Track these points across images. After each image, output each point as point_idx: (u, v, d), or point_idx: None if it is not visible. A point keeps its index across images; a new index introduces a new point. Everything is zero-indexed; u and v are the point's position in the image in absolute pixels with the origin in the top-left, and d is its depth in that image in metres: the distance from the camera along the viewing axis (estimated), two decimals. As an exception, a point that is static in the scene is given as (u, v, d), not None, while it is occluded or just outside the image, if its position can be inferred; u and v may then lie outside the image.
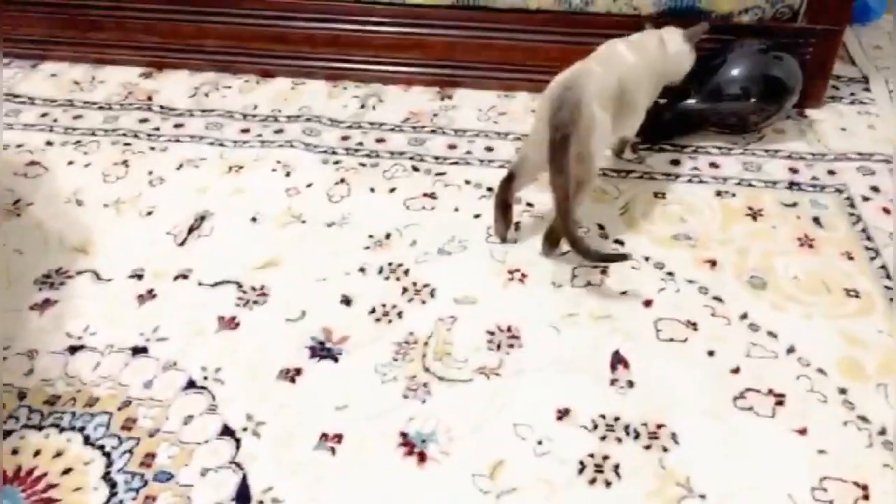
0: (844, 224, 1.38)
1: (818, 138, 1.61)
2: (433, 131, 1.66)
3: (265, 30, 1.81)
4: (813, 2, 1.59)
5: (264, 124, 1.67)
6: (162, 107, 1.74)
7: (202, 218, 1.40)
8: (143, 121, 1.69)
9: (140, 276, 1.28)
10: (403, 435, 1.03)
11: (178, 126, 1.67)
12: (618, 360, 1.13)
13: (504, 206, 1.34)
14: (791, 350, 1.13)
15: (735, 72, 1.50)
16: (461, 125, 1.68)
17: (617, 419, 1.05)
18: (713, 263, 1.29)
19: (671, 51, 1.39)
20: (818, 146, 1.59)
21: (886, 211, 1.40)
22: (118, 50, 1.89)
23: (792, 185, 1.48)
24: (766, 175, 1.50)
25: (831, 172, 1.51)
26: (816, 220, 1.39)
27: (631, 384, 1.09)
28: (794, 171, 1.52)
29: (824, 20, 1.59)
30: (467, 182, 1.50)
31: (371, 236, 1.37)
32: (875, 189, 1.46)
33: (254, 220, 1.40)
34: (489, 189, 1.48)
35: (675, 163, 1.53)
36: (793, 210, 1.41)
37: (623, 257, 1.28)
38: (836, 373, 1.10)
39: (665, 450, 1.00)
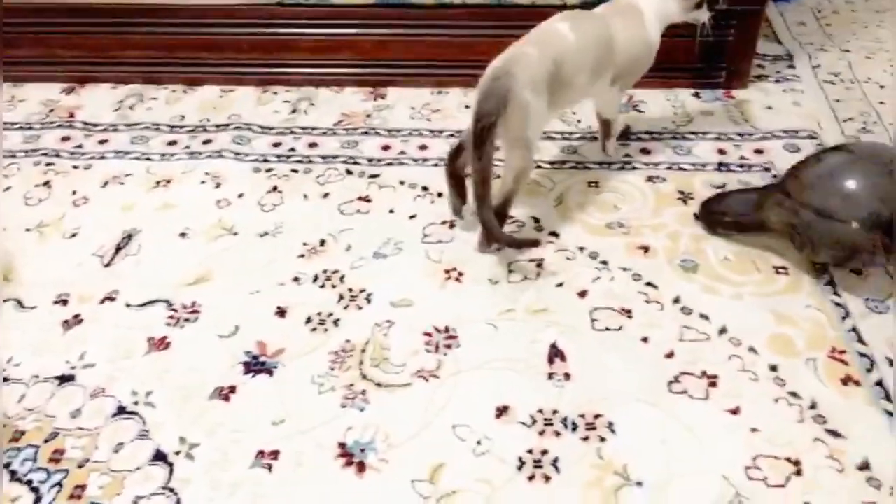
0: (772, 202, 1.40)
1: (745, 118, 1.63)
2: (366, 132, 1.64)
3: (191, 38, 1.77)
4: (732, -17, 1.61)
5: (192, 135, 1.64)
6: (85, 123, 1.69)
7: (129, 236, 1.37)
8: (66, 139, 1.64)
9: (65, 302, 1.24)
10: (342, 446, 1.02)
11: (102, 142, 1.63)
12: (555, 354, 1.13)
13: (455, 179, 1.34)
14: (723, 331, 1.15)
15: (858, 187, 1.10)
16: (395, 125, 1.67)
17: (555, 413, 1.05)
18: (646, 249, 1.30)
19: (634, 26, 1.32)
20: (745, 126, 1.61)
21: (812, 186, 1.43)
22: (38, 67, 1.83)
23: (721, 166, 1.50)
24: (696, 158, 1.52)
25: (758, 151, 1.53)
26: (745, 199, 1.40)
27: (568, 377, 1.10)
28: (722, 151, 1.54)
29: (746, 0, 1.61)
30: (402, 182, 1.49)
31: (305, 244, 1.35)
32: (801, 165, 1.48)
33: (183, 235, 1.37)
34: (424, 188, 1.47)
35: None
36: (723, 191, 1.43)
37: (535, 242, 1.28)
38: (767, 351, 1.11)
39: (602, 440, 1.01)
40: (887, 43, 1.92)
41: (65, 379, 1.11)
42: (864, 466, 0.96)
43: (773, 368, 1.09)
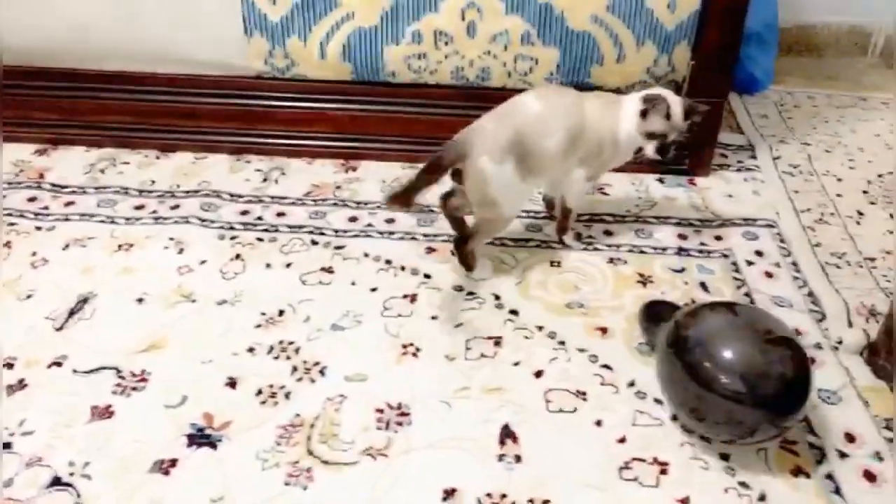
0: (730, 288, 1.42)
1: (706, 205, 1.67)
2: (335, 204, 1.66)
3: (168, 105, 1.80)
4: (695, 77, 1.68)
5: (160, 200, 1.65)
6: (53, 185, 1.69)
7: (84, 300, 1.35)
8: (32, 199, 1.64)
9: (11, 366, 1.21)
10: (281, 526, 0.98)
11: (68, 204, 1.63)
12: (507, 435, 1.12)
13: (453, 220, 1.44)
14: (675, 417, 1.14)
15: (731, 356, 1.02)
16: (363, 197, 1.69)
17: (503, 497, 1.03)
18: (604, 331, 1.31)
19: (608, 113, 1.38)
20: (706, 212, 1.65)
21: (769, 275, 1.46)
22: (13, 128, 1.84)
23: (681, 251, 1.53)
24: (657, 242, 1.55)
25: (718, 238, 1.57)
26: (703, 284, 1.43)
27: (518, 458, 1.08)
28: (682, 237, 1.57)
29: (707, 92, 1.67)
30: (366, 255, 1.50)
31: (263, 314, 1.34)
32: (759, 253, 1.52)
33: (140, 300, 1.36)
34: (388, 261, 1.48)
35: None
36: (681, 275, 1.45)
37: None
38: (719, 439, 1.10)
39: (550, 527, 0.99)
40: (846, 137, 1.99)
41: (2, 446, 1.08)
42: (811, 562, 0.95)
43: (724, 457, 1.08)
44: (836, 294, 1.39)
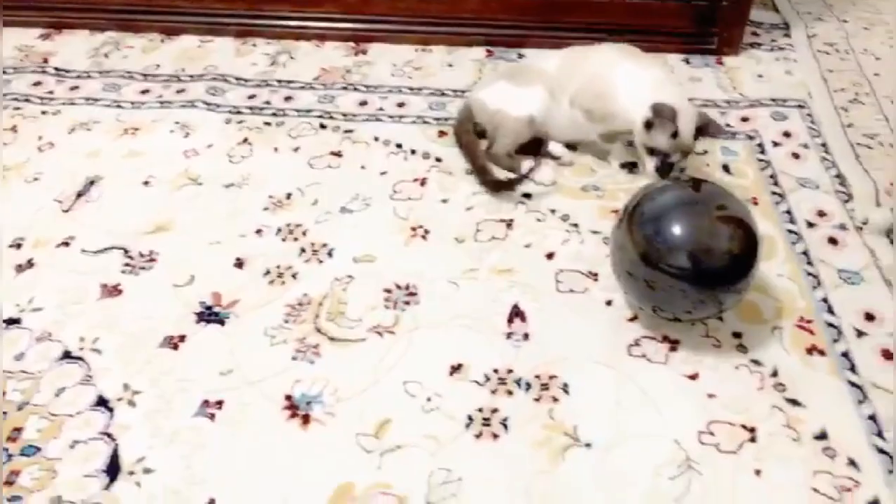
0: (753, 170, 1.36)
1: (734, 85, 1.59)
2: (344, 88, 1.60)
3: (171, -15, 1.73)
4: (727, -53, 1.55)
5: (165, 84, 1.60)
6: (57, 69, 1.65)
7: (91, 183, 1.34)
8: (37, 84, 1.61)
9: (19, 245, 1.21)
10: (288, 398, 0.99)
11: (73, 89, 1.59)
12: (515, 314, 1.10)
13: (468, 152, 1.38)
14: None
15: (680, 231, 0.98)
16: (374, 81, 1.62)
17: (510, 372, 1.02)
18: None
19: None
20: (733, 93, 1.56)
21: (796, 156, 1.39)
22: (16, 12, 1.79)
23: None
24: (679, 123, 1.47)
25: (744, 119, 1.49)
26: (726, 167, 1.37)
27: (526, 337, 1.07)
28: (707, 118, 1.49)
29: (740, -34, 1.56)
30: (376, 139, 1.45)
31: (271, 197, 1.32)
32: (786, 134, 1.44)
33: (146, 183, 1.34)
34: (398, 146, 1.43)
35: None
36: (703, 158, 1.39)
37: (515, 182, 1.29)
38: (734, 317, 1.08)
39: (555, 400, 0.98)
40: (886, 15, 1.85)
41: (11, 322, 1.09)
42: (821, 436, 0.94)
43: (737, 335, 1.06)
44: (865, 175, 1.32)
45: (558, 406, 0.98)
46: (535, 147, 1.37)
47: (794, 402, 0.97)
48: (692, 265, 0.96)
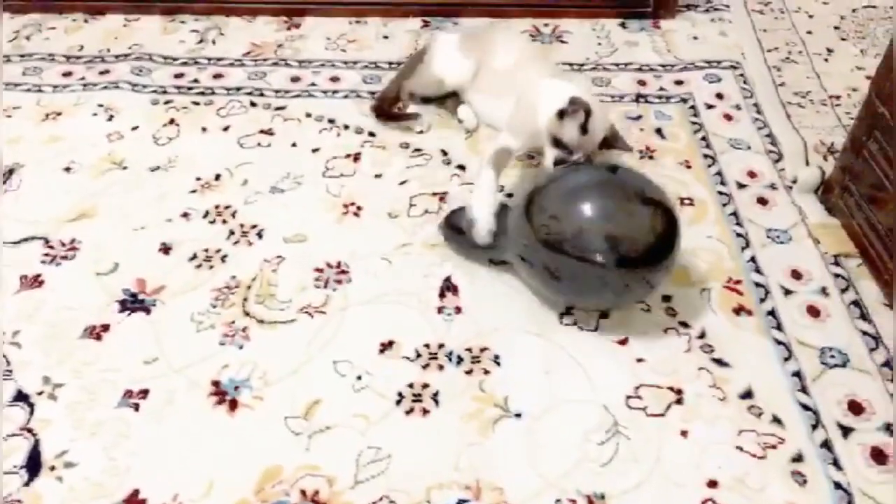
0: (686, 133, 1.36)
1: (669, 48, 1.58)
2: (276, 63, 1.56)
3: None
4: None
5: (89, 66, 1.55)
6: (-26, 54, 1.58)
7: (10, 171, 1.29)
8: (-49, 70, 1.54)
9: (-67, 239, 1.17)
10: (216, 384, 0.98)
11: (-9, 74, 1.53)
12: (447, 288, 1.09)
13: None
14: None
15: (593, 214, 0.96)
16: (307, 56, 1.59)
17: (441, 346, 1.02)
18: (553, 181, 1.26)
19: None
20: (668, 56, 1.56)
21: (728, 117, 1.39)
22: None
23: (639, 97, 1.45)
24: (614, 89, 1.47)
25: (678, 83, 1.49)
26: (659, 131, 1.37)
27: (459, 310, 1.06)
28: (641, 83, 1.49)
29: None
30: (308, 115, 1.42)
31: (199, 179, 1.28)
32: (719, 96, 1.45)
33: (68, 169, 1.30)
34: (331, 121, 1.41)
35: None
36: (637, 123, 1.39)
37: (412, 116, 1.37)
38: (664, 281, 1.08)
39: (486, 372, 0.98)
40: (822, -28, 1.85)
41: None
42: (747, 395, 0.95)
43: (666, 299, 1.06)
44: (795, 133, 1.33)
45: (489, 378, 0.98)
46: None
47: (721, 363, 0.98)
48: (612, 249, 0.93)
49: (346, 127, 1.39)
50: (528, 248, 1.00)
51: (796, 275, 1.10)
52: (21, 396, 0.96)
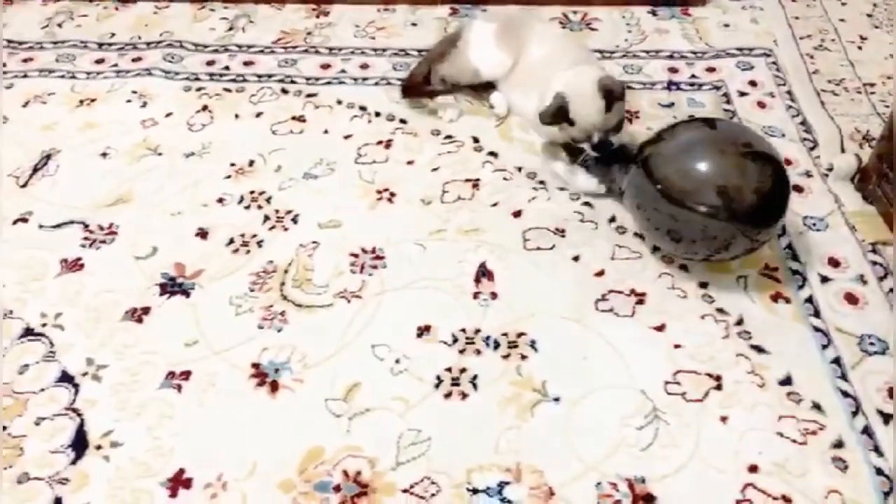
0: (719, 120, 1.35)
1: (700, 36, 1.57)
2: (306, 51, 1.57)
3: (125, -50, 1.67)
4: None
5: (121, 53, 1.56)
6: (10, 41, 1.60)
7: (48, 157, 1.31)
8: (-13, 57, 1.56)
9: (-25, 223, 1.19)
10: (256, 366, 0.99)
11: (26, 61, 1.55)
12: (483, 273, 1.10)
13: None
14: (656, 249, 1.11)
15: (708, 169, 0.99)
16: (336, 43, 1.59)
17: (478, 331, 1.02)
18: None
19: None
20: (699, 44, 1.55)
21: (762, 105, 1.38)
22: (-39, -18, 1.72)
23: (671, 84, 1.44)
24: (645, 77, 1.47)
25: (710, 70, 1.48)
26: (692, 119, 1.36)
27: (494, 296, 1.07)
28: (673, 70, 1.48)
29: None
30: (339, 102, 1.43)
31: (233, 164, 1.29)
32: (752, 83, 1.44)
33: (104, 155, 1.31)
34: (362, 108, 1.41)
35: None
36: (669, 111, 1.38)
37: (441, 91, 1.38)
38: (700, 268, 1.08)
39: (524, 357, 0.99)
40: (854, -41, 1.83)
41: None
42: (786, 381, 0.95)
43: (703, 286, 1.06)
44: (830, 121, 1.32)
45: (526, 363, 0.98)
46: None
47: (759, 350, 0.98)
48: (723, 203, 0.96)
49: (378, 114, 1.39)
50: (646, 198, 1.04)
51: (833, 262, 1.09)
52: (66, 377, 0.98)
